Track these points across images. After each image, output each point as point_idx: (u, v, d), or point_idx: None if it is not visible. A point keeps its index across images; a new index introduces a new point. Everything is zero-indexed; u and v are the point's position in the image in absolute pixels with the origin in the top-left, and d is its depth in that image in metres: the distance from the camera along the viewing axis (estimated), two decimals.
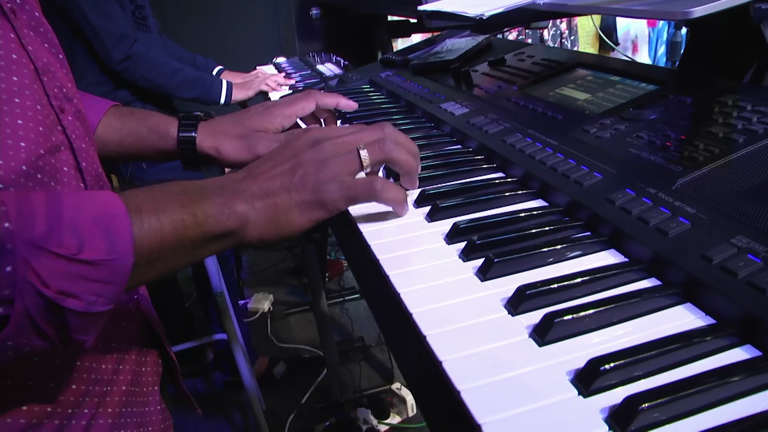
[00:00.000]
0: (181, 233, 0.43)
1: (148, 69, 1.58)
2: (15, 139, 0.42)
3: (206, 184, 0.48)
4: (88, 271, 0.36)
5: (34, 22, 0.50)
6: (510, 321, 0.40)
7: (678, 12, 0.52)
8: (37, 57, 0.47)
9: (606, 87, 0.72)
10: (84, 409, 0.49)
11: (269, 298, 2.58)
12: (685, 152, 0.51)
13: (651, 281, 0.42)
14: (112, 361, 0.53)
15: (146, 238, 0.40)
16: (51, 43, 0.52)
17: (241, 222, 0.47)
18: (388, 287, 0.46)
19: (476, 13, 0.76)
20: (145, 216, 0.41)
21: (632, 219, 0.46)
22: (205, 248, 0.46)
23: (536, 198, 0.57)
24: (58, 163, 0.47)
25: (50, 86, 0.48)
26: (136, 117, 0.71)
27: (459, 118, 0.79)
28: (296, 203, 0.49)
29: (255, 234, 0.48)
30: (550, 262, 0.46)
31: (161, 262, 0.43)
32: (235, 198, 0.47)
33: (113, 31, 1.50)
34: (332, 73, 1.81)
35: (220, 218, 0.45)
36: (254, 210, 0.48)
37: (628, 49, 2.53)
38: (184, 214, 0.43)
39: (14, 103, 0.43)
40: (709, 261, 0.39)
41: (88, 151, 0.53)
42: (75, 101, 0.53)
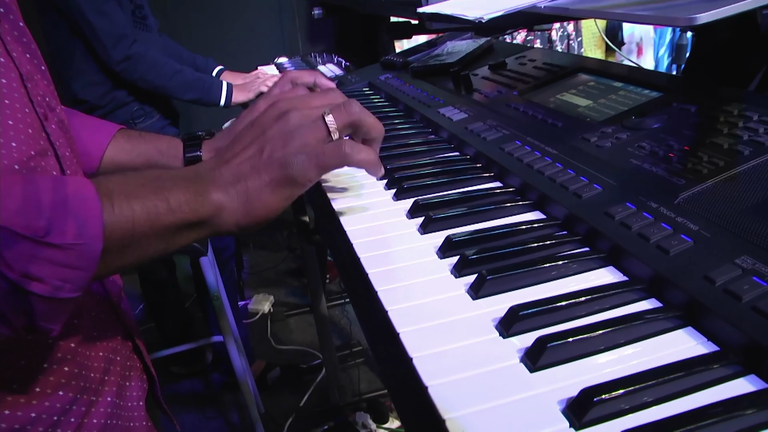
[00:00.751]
0: (154, 220, 0.42)
1: (147, 70, 1.56)
2: (6, 139, 0.42)
3: (180, 172, 0.47)
4: (55, 254, 0.35)
5: (17, 31, 0.50)
6: (501, 343, 0.38)
7: (681, 18, 0.50)
8: (21, 64, 0.47)
9: (608, 93, 0.69)
10: (71, 417, 0.48)
11: (269, 300, 2.56)
12: (689, 164, 0.49)
13: (651, 302, 0.40)
14: (99, 369, 0.52)
15: (117, 224, 0.39)
16: (33, 54, 0.52)
17: (216, 209, 0.46)
18: (377, 303, 0.44)
19: (475, 16, 0.74)
20: (116, 201, 0.40)
21: (632, 235, 0.44)
22: (180, 236, 0.45)
23: (534, 210, 0.55)
24: (48, 167, 0.47)
25: (34, 93, 0.48)
26: (145, 139, 0.73)
27: (457, 124, 0.77)
28: (267, 183, 0.47)
29: (231, 221, 0.47)
30: (545, 279, 0.44)
31: (134, 248, 0.42)
32: (209, 185, 0.46)
33: (112, 31, 1.48)
34: (333, 74, 1.79)
35: (194, 205, 0.44)
36: (228, 197, 0.46)
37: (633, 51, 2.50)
38: (157, 200, 0.42)
39: (4, 104, 0.43)
40: (712, 283, 0.37)
41: (71, 160, 0.53)
42: (57, 111, 0.53)
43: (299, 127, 0.49)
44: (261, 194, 0.47)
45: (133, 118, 1.66)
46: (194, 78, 1.64)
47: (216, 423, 1.94)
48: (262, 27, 2.78)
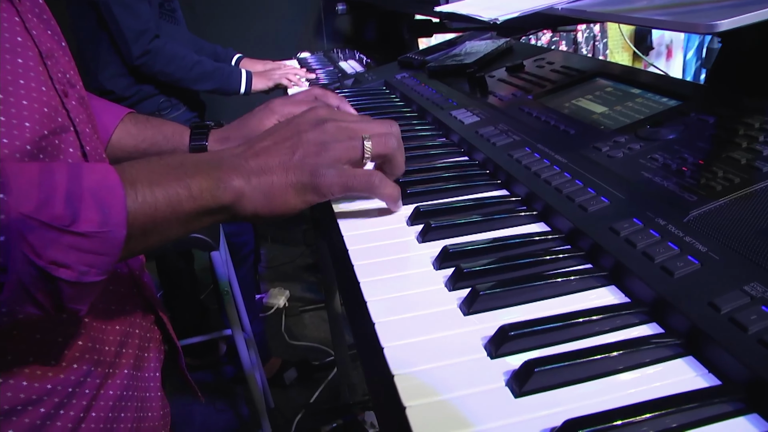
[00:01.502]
0: (176, 206, 0.43)
1: (166, 63, 1.57)
2: (20, 119, 0.43)
3: (204, 157, 0.48)
4: (80, 242, 0.36)
5: (37, 8, 0.51)
6: (488, 364, 0.36)
7: (701, 24, 0.47)
8: (41, 41, 0.48)
9: (625, 100, 0.67)
10: (85, 389, 0.49)
11: (285, 294, 2.56)
12: (702, 179, 0.47)
13: (652, 327, 0.38)
14: (115, 343, 0.53)
15: (140, 211, 0.41)
16: (54, 31, 0.53)
17: (236, 196, 0.46)
18: (366, 314, 0.42)
19: (491, 17, 0.71)
20: (139, 189, 0.41)
21: (636, 253, 0.41)
22: (199, 221, 0.46)
23: (538, 221, 0.53)
24: (63, 144, 0.48)
25: (54, 70, 0.49)
26: (151, 124, 0.74)
27: (468, 128, 0.75)
28: (292, 183, 0.48)
29: (250, 209, 0.48)
30: (543, 296, 0.42)
31: (155, 233, 0.43)
32: (232, 173, 0.47)
33: (134, 26, 1.49)
34: (354, 71, 1.77)
35: (215, 192, 0.45)
36: (250, 185, 0.47)
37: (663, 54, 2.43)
38: (179, 188, 0.43)
39: (19, 84, 0.44)
40: (717, 310, 0.35)
41: (91, 136, 0.53)
42: (78, 87, 0.54)
43: (336, 140, 0.50)
44: (284, 192, 0.48)
45: (159, 110, 1.67)
46: (213, 68, 1.64)
47: (226, 416, 1.95)
48: (288, 21, 2.78)
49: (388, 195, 0.53)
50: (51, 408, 0.46)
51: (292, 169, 0.49)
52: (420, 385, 0.34)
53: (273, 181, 0.48)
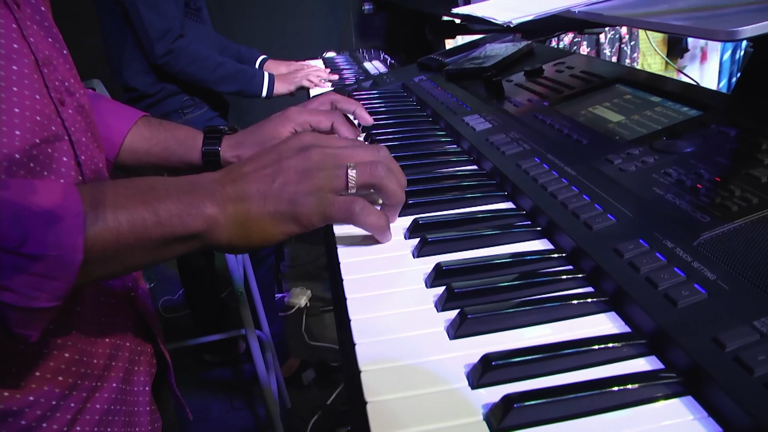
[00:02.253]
0: (141, 232, 0.40)
1: (188, 63, 1.57)
2: (10, 127, 0.42)
3: (178, 181, 0.45)
4: (27, 264, 0.34)
5: (38, 16, 0.50)
6: (468, 395, 0.34)
7: (722, 31, 0.44)
8: (38, 48, 0.48)
9: (643, 108, 0.63)
10: (70, 403, 0.48)
11: (307, 294, 2.56)
12: (717, 198, 0.43)
13: (650, 361, 0.35)
14: (104, 356, 0.52)
15: (100, 235, 0.38)
16: (55, 38, 0.52)
17: (208, 224, 0.44)
18: (349, 332, 0.41)
19: (504, 20, 0.69)
20: (101, 211, 0.39)
21: (639, 279, 0.38)
22: (169, 249, 0.43)
23: (541, 237, 0.50)
24: (56, 153, 0.47)
25: (50, 78, 0.48)
26: (164, 128, 0.73)
27: (479, 134, 0.72)
28: (270, 212, 0.45)
29: (224, 239, 0.45)
30: (537, 321, 0.39)
31: (118, 260, 0.41)
32: (205, 198, 0.44)
33: (159, 25, 1.50)
34: (377, 72, 1.75)
35: (185, 219, 0.42)
36: (224, 213, 0.44)
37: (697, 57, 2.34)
38: (145, 212, 0.41)
39: (12, 91, 0.43)
40: (722, 347, 0.31)
41: (88, 146, 0.52)
42: (78, 96, 0.53)
43: (319, 168, 0.47)
44: (261, 221, 0.45)
45: (182, 108, 1.68)
46: (236, 70, 1.64)
47: (243, 414, 1.95)
48: (317, 20, 2.77)
49: (371, 225, 0.49)
50: (33, 420, 0.45)
51: (270, 198, 0.45)
52: (395, 414, 0.32)
53: (250, 209, 0.45)
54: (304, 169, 0.47)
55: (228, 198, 0.45)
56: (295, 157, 0.47)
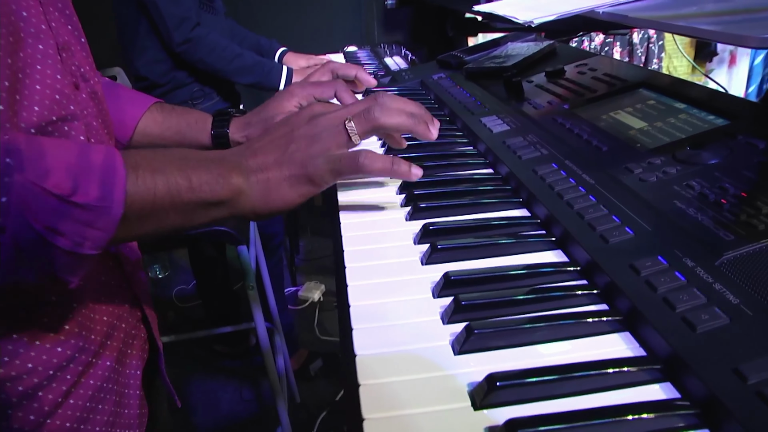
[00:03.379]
0: (175, 195, 0.44)
1: (207, 53, 1.57)
2: (30, 102, 0.45)
3: (208, 154, 0.49)
4: (78, 213, 0.37)
5: (60, 3, 0.53)
6: (470, 417, 0.32)
7: (753, 38, 0.41)
8: (58, 33, 0.50)
9: (667, 115, 0.61)
10: (66, 375, 0.49)
11: (320, 288, 2.56)
12: (742, 215, 0.41)
13: (665, 388, 0.33)
14: (101, 333, 0.53)
15: (139, 193, 0.42)
16: (74, 26, 0.55)
17: (234, 193, 0.48)
18: (350, 342, 0.39)
19: (525, 19, 0.66)
20: (141, 173, 0.42)
21: (656, 299, 0.36)
22: (199, 213, 0.47)
23: (555, 248, 0.48)
24: (73, 132, 0.49)
25: (68, 63, 0.51)
26: (176, 113, 0.76)
27: (496, 137, 0.70)
28: (286, 177, 0.50)
29: (248, 206, 0.49)
30: (546, 339, 0.38)
31: (153, 219, 0.44)
32: (232, 170, 0.48)
33: (176, 13, 1.49)
34: (398, 67, 1.73)
35: (214, 187, 0.46)
36: (248, 183, 0.48)
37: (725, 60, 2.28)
38: (179, 178, 0.44)
39: (36, 69, 0.46)
40: (743, 379, 0.30)
41: (98, 130, 0.55)
42: (92, 82, 0.55)
43: (324, 131, 0.52)
44: (279, 187, 0.49)
45: (192, 99, 1.67)
46: (254, 62, 1.63)
47: (252, 405, 1.96)
48: (340, 13, 2.76)
49: (380, 170, 0.52)
50: (30, 387, 0.46)
51: (285, 164, 0.50)
52: None
53: (269, 177, 0.49)
54: (313, 134, 0.51)
55: (250, 169, 0.49)
56: (305, 126, 0.52)
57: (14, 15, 0.44)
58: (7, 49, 0.42)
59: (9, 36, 0.43)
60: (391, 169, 0.53)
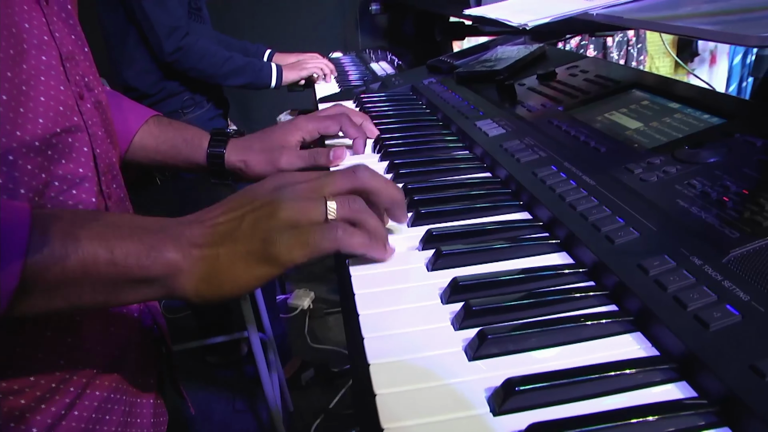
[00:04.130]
0: (90, 268, 0.38)
1: (198, 60, 1.56)
2: (35, 114, 0.44)
3: (148, 222, 0.42)
4: None
5: (64, 13, 0.52)
6: (490, 422, 0.32)
7: (753, 37, 0.42)
8: (62, 44, 0.49)
9: (662, 115, 0.61)
10: (70, 387, 0.48)
11: (310, 296, 2.55)
12: (746, 213, 0.41)
13: (681, 387, 0.33)
14: (107, 344, 0.52)
15: (42, 263, 0.36)
16: (78, 36, 0.54)
17: (169, 270, 0.41)
18: (362, 351, 0.39)
19: (519, 22, 0.67)
20: (50, 239, 0.36)
21: (667, 298, 0.37)
22: (124, 292, 0.40)
23: (560, 250, 0.48)
24: (77, 143, 0.48)
25: (72, 73, 0.50)
26: (173, 127, 0.75)
27: (492, 140, 0.70)
28: (241, 255, 0.41)
29: (189, 287, 0.41)
30: (558, 342, 0.38)
31: (63, 294, 0.38)
32: (168, 242, 0.41)
33: (166, 23, 1.49)
34: (384, 73, 1.74)
35: (142, 261, 0.39)
36: (189, 259, 0.41)
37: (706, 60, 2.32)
38: (99, 248, 0.38)
39: (40, 80, 0.45)
40: (761, 376, 0.30)
41: (104, 140, 0.54)
42: (96, 92, 0.55)
43: (294, 201, 0.43)
44: (232, 266, 0.41)
45: (182, 108, 1.67)
46: (244, 63, 1.64)
47: (245, 416, 1.94)
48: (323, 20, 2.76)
49: (359, 245, 0.45)
50: (32, 401, 0.45)
51: (240, 239, 0.42)
52: None
53: (218, 254, 0.41)
54: (278, 204, 0.43)
55: (194, 242, 0.42)
56: (270, 193, 0.44)
57: (16, 27, 0.43)
58: (8, 62, 0.41)
59: (10, 49, 0.42)
60: (368, 245, 0.46)
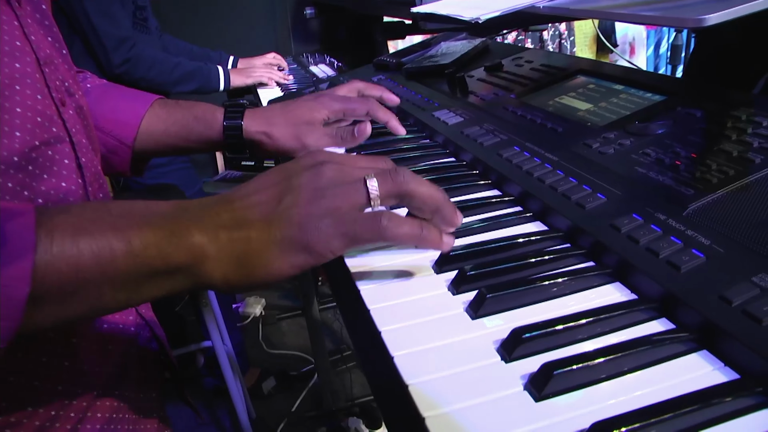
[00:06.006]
0: (107, 263, 0.34)
1: (147, 69, 1.54)
2: (11, 127, 0.41)
3: (163, 205, 0.39)
4: None
5: (39, 14, 0.49)
6: (503, 369, 0.35)
7: (690, 19, 0.47)
8: (39, 48, 0.46)
9: (609, 96, 0.67)
10: (70, 413, 0.46)
11: (261, 303, 2.53)
12: (697, 173, 0.47)
13: (662, 323, 0.38)
14: (109, 364, 0.50)
15: (54, 265, 0.32)
16: (55, 38, 0.52)
17: (194, 257, 0.37)
18: (369, 322, 0.41)
19: (472, 17, 0.71)
20: (58, 237, 0.33)
21: (640, 249, 0.41)
22: (147, 286, 0.37)
23: (535, 220, 0.53)
24: (57, 156, 0.46)
25: (52, 78, 0.47)
26: (181, 106, 0.71)
27: (453, 128, 0.75)
28: (276, 240, 0.38)
29: (217, 274, 0.38)
30: (549, 296, 0.41)
31: (80, 297, 0.34)
32: (192, 225, 0.37)
33: (114, 34, 1.45)
34: (325, 75, 1.76)
35: (164, 249, 0.36)
36: (216, 243, 0.37)
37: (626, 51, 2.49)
38: (114, 240, 0.34)
39: (15, 90, 0.42)
40: (729, 303, 0.35)
41: (88, 147, 0.51)
42: (76, 97, 0.52)
43: (333, 185, 0.40)
44: (264, 252, 0.38)
45: None
46: (193, 68, 1.62)
47: (209, 429, 1.91)
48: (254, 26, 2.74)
49: (406, 235, 0.40)
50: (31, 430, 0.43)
51: (276, 222, 0.38)
52: (437, 392, 0.33)
53: (250, 237, 0.38)
54: (316, 187, 0.40)
55: (221, 224, 0.38)
56: (305, 173, 0.41)
57: None
58: None
59: None
60: (420, 235, 0.41)
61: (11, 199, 0.41)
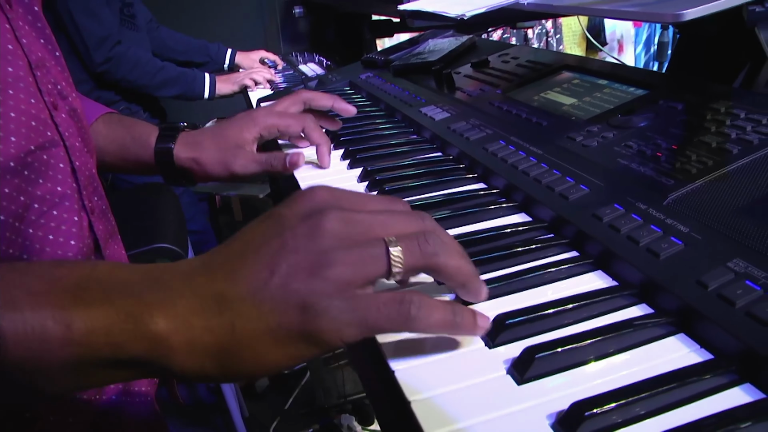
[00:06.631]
0: (35, 349, 0.28)
1: (129, 70, 1.53)
2: (6, 133, 0.40)
3: (132, 274, 0.31)
4: None
5: (31, 16, 0.48)
6: (486, 354, 0.36)
7: (668, 14, 0.49)
8: (31, 51, 0.46)
9: (593, 91, 0.68)
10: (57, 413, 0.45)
11: None
12: (677, 164, 0.48)
13: (642, 308, 0.39)
14: None
15: None
16: (47, 40, 0.51)
17: (153, 348, 0.29)
18: None
19: (457, 14, 0.72)
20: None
21: (621, 238, 0.42)
22: (96, 376, 0.30)
23: (519, 212, 0.54)
24: (52, 159, 0.45)
25: (44, 81, 0.46)
26: (123, 125, 0.68)
27: (439, 123, 0.75)
28: (270, 329, 0.30)
29: (190, 368, 0.30)
30: (533, 285, 0.42)
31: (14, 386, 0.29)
32: (156, 308, 0.29)
33: (96, 33, 1.45)
34: (314, 74, 1.77)
35: (115, 337, 0.28)
36: (187, 333, 0.29)
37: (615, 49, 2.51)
38: (49, 321, 0.28)
39: (8, 94, 0.41)
40: (705, 287, 0.36)
41: (81, 151, 0.51)
42: (70, 99, 0.51)
43: (342, 246, 0.31)
44: (254, 343, 0.30)
45: None
46: (177, 73, 1.62)
47: (200, 428, 1.90)
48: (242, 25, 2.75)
49: (437, 326, 0.33)
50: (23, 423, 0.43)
51: (268, 302, 0.30)
52: (421, 380, 0.34)
53: (234, 326, 0.29)
54: (320, 249, 0.31)
55: (195, 308, 0.30)
56: (303, 227, 0.32)
57: None
58: None
59: None
60: (453, 323, 0.34)
61: (9, 205, 0.41)
